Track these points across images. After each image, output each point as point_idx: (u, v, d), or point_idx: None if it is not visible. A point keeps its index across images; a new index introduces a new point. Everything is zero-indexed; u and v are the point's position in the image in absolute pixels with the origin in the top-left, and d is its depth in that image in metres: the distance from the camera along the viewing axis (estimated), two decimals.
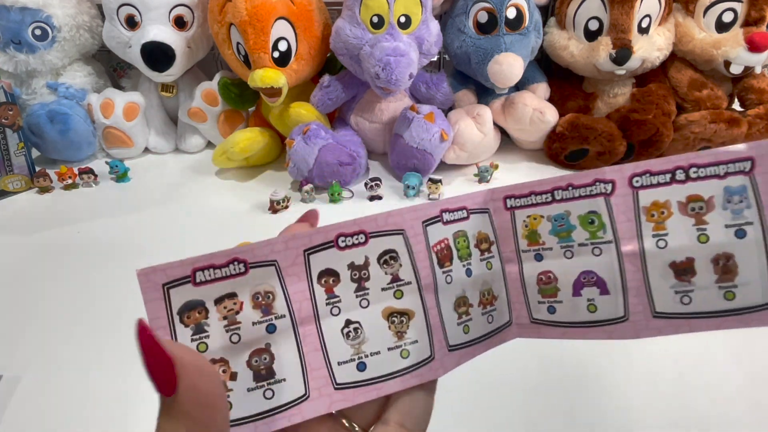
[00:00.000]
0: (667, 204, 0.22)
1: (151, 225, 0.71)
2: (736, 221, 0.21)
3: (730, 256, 0.21)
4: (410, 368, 0.22)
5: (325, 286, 0.22)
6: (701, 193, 0.21)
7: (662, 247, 0.22)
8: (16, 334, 0.52)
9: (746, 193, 0.21)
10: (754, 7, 0.75)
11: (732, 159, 0.21)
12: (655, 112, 0.75)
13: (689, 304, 0.21)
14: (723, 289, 0.21)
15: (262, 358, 0.21)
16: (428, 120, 0.73)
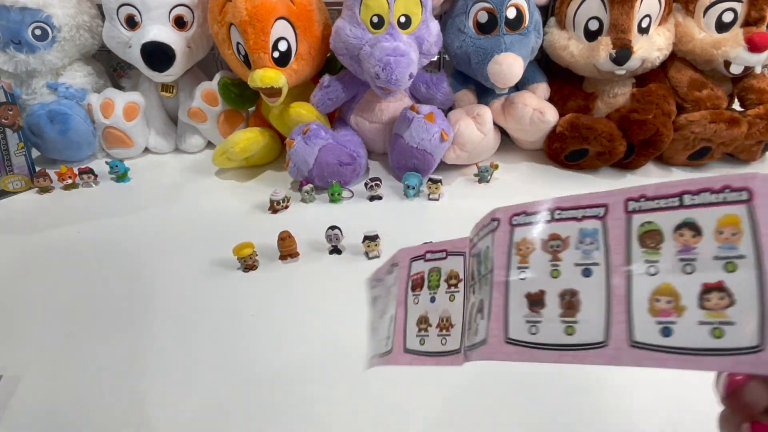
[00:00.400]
0: (533, 241, 0.24)
1: (151, 225, 0.71)
2: (585, 261, 0.23)
3: (575, 293, 0.22)
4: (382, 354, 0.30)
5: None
6: (560, 233, 0.24)
7: (523, 279, 0.24)
8: (16, 334, 0.52)
9: (597, 236, 0.22)
10: (754, 7, 0.75)
11: (589, 204, 0.23)
12: (655, 112, 0.75)
13: (536, 335, 0.23)
14: (565, 323, 0.22)
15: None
16: (428, 120, 0.73)
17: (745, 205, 0.20)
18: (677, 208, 0.21)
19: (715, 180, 0.20)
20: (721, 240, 0.20)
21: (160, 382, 0.46)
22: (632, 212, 0.22)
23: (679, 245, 0.21)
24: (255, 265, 0.61)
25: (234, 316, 0.54)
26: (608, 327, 0.21)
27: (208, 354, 0.49)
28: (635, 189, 0.22)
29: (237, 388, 0.45)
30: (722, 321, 0.19)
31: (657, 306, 0.21)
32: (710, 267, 0.20)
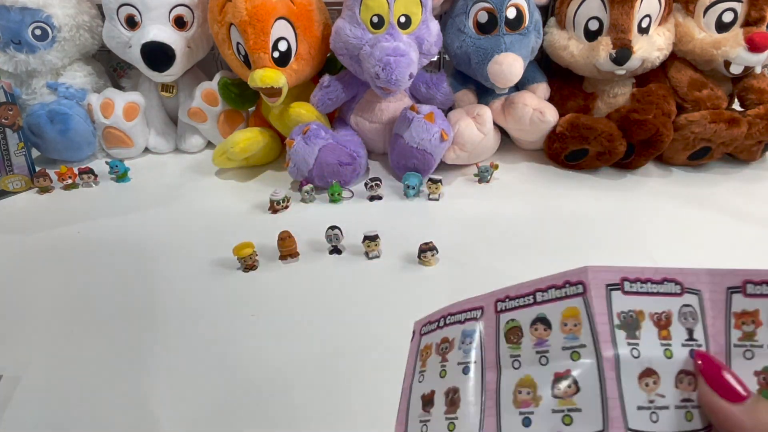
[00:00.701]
0: (430, 346, 0.26)
1: (151, 225, 0.71)
2: (465, 359, 0.24)
3: (456, 390, 0.24)
4: None
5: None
6: (448, 336, 0.26)
7: (420, 382, 0.26)
8: (16, 334, 0.52)
9: (474, 336, 0.24)
10: (754, 7, 0.75)
11: (470, 308, 0.25)
12: (655, 112, 0.75)
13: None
14: (448, 420, 0.24)
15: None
16: (428, 120, 0.73)
17: (581, 297, 0.22)
18: (532, 305, 0.23)
19: (558, 277, 0.22)
20: (566, 331, 0.22)
21: (160, 382, 0.46)
22: (500, 312, 0.24)
23: (534, 338, 0.22)
24: (255, 265, 0.61)
25: (234, 316, 0.54)
26: (482, 420, 0.23)
27: (208, 354, 0.49)
28: (502, 291, 0.24)
29: (237, 388, 0.45)
30: (570, 408, 0.21)
31: (519, 397, 0.22)
32: (560, 357, 0.22)
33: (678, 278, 0.21)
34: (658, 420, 0.20)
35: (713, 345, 0.21)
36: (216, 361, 0.48)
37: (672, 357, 0.21)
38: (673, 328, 0.21)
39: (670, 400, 0.20)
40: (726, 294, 0.21)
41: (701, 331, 0.21)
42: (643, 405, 0.20)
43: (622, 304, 0.21)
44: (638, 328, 0.21)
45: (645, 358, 0.21)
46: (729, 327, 0.21)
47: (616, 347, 0.21)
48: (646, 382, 0.20)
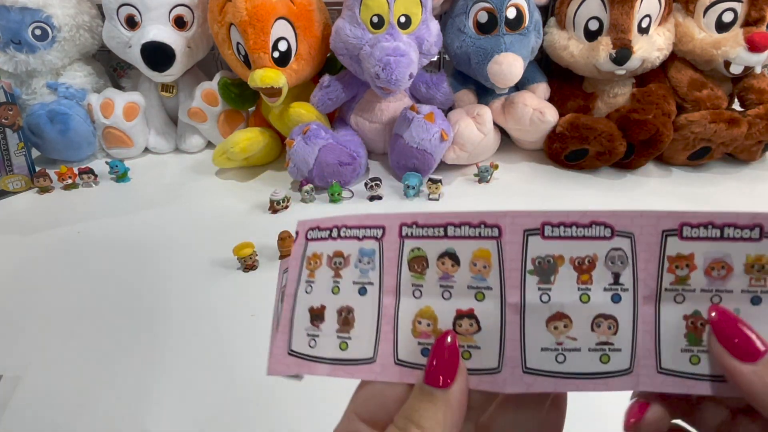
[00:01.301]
0: (321, 256, 0.25)
1: (151, 225, 0.71)
2: (362, 279, 0.23)
3: (351, 310, 0.23)
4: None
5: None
6: (343, 251, 0.24)
7: (308, 293, 0.25)
8: (16, 334, 0.52)
9: (374, 257, 0.23)
10: (754, 7, 0.75)
11: (370, 225, 0.24)
12: (655, 112, 0.75)
13: (314, 348, 0.24)
14: (340, 338, 0.23)
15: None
16: (428, 120, 0.73)
17: (495, 240, 0.21)
18: (442, 237, 0.22)
19: (473, 216, 0.22)
20: (475, 271, 0.22)
21: (159, 382, 0.46)
22: (405, 237, 0.23)
23: (440, 272, 0.22)
24: (255, 265, 0.61)
25: (234, 316, 0.54)
26: (377, 344, 0.22)
27: (207, 353, 0.49)
28: (409, 215, 0.23)
29: (237, 388, 0.45)
30: (470, 345, 0.21)
31: (419, 328, 0.22)
32: (464, 294, 0.22)
33: (609, 221, 0.21)
34: (564, 360, 0.20)
35: (642, 288, 0.20)
36: (216, 361, 0.48)
37: (589, 301, 0.21)
38: (597, 273, 0.21)
39: (582, 343, 0.20)
40: (661, 237, 0.20)
41: (630, 275, 0.21)
42: (549, 347, 0.20)
43: (539, 249, 0.21)
44: (554, 272, 0.21)
45: (556, 303, 0.21)
46: (662, 271, 0.20)
47: (524, 293, 0.21)
48: (555, 325, 0.21)
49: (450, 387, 0.20)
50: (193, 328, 0.52)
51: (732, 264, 0.20)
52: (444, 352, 0.21)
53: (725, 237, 0.20)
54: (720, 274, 0.20)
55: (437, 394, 0.20)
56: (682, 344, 0.20)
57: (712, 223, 0.20)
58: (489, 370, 0.21)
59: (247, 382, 0.46)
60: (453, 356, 0.21)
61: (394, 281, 0.23)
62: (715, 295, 0.20)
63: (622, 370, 0.20)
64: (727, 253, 0.20)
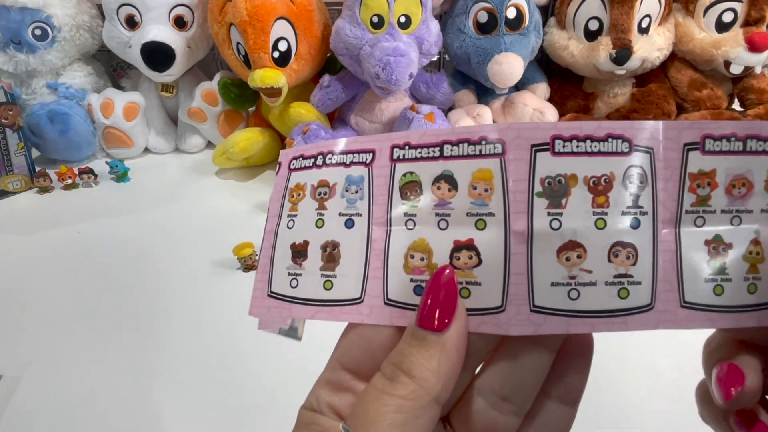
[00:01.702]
0: (304, 187, 0.22)
1: (151, 225, 0.71)
2: (349, 211, 0.21)
3: (337, 245, 0.21)
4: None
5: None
6: (329, 179, 0.21)
7: (290, 228, 0.22)
8: (16, 334, 0.52)
9: (362, 185, 0.21)
10: (754, 7, 0.75)
11: (358, 149, 0.21)
12: (655, 112, 0.75)
13: (296, 288, 0.21)
14: (324, 277, 0.21)
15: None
16: (428, 120, 0.73)
17: (498, 158, 0.18)
18: (437, 158, 0.19)
19: (474, 130, 0.19)
20: (475, 195, 0.19)
21: (160, 381, 0.46)
22: (396, 160, 0.20)
23: (436, 198, 0.19)
24: (255, 265, 0.61)
25: (234, 316, 0.54)
26: (365, 282, 0.20)
27: (207, 353, 0.49)
28: (402, 135, 0.20)
29: (237, 388, 0.45)
30: (469, 281, 0.18)
31: (411, 263, 0.19)
32: (463, 223, 0.19)
33: (627, 134, 0.18)
34: (579, 297, 0.18)
35: (662, 212, 0.18)
36: (216, 361, 0.48)
37: (605, 227, 0.18)
38: (614, 194, 0.18)
39: (598, 276, 0.18)
40: (682, 151, 0.18)
41: (649, 196, 0.18)
42: (560, 281, 0.18)
43: (549, 167, 0.18)
44: (566, 195, 0.18)
45: (568, 230, 0.18)
46: (683, 190, 0.18)
47: (531, 219, 0.18)
48: (567, 256, 0.18)
49: (446, 330, 0.17)
50: (193, 328, 0.52)
51: (753, 180, 0.18)
52: (440, 289, 0.18)
53: (748, 150, 0.18)
54: (741, 192, 0.18)
55: (431, 339, 0.17)
56: (705, 273, 0.18)
57: (735, 135, 0.18)
58: (491, 310, 0.18)
59: (248, 381, 0.46)
60: (450, 294, 0.18)
61: (385, 211, 0.20)
62: (735, 216, 0.18)
63: (643, 306, 0.18)
64: (748, 169, 0.18)
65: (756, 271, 0.18)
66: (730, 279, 0.18)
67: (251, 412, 0.43)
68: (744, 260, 0.18)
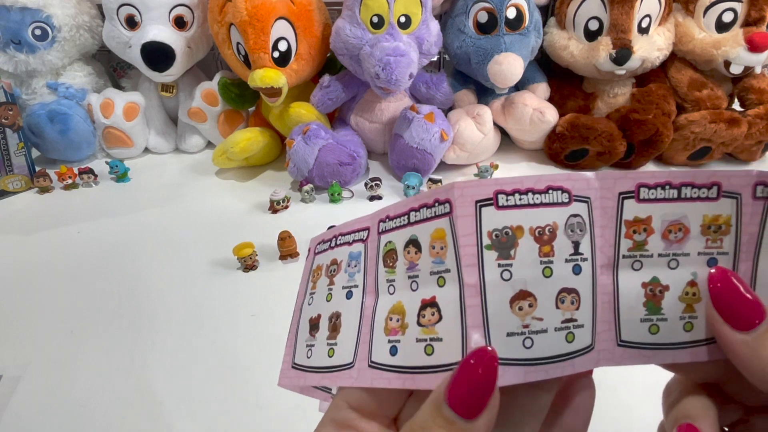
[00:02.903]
0: (321, 267, 0.25)
1: (151, 225, 0.71)
2: (349, 283, 0.23)
3: (339, 315, 0.23)
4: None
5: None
6: (337, 258, 0.24)
7: (310, 304, 0.25)
8: (16, 334, 0.52)
9: (360, 259, 0.23)
10: (754, 7, 0.75)
11: (358, 228, 0.23)
12: (655, 112, 0.75)
13: (310, 358, 0.23)
14: (328, 345, 0.22)
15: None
16: (428, 120, 0.73)
17: (448, 217, 0.19)
18: (406, 225, 0.21)
19: (429, 194, 0.20)
20: (434, 255, 0.20)
21: (159, 382, 0.46)
22: (382, 233, 0.22)
23: (407, 262, 0.20)
24: (255, 265, 0.61)
25: (234, 316, 0.54)
26: (357, 348, 0.21)
27: (207, 354, 0.49)
28: (384, 210, 0.22)
29: (237, 388, 0.45)
30: (432, 337, 0.19)
31: (390, 325, 0.20)
32: (428, 282, 0.20)
33: (565, 185, 0.19)
34: (532, 345, 0.18)
35: (600, 257, 0.19)
36: (216, 361, 0.48)
37: (552, 275, 0.19)
38: (558, 243, 0.19)
39: (548, 323, 0.18)
40: (617, 200, 0.19)
41: (588, 243, 0.19)
42: (515, 331, 0.18)
43: (495, 221, 0.19)
44: (514, 246, 0.18)
45: (519, 280, 0.18)
46: (619, 236, 0.19)
47: (482, 271, 0.18)
48: (520, 305, 0.18)
49: (477, 419, 0.16)
50: (193, 328, 0.52)
51: (689, 225, 0.19)
52: (479, 373, 0.17)
53: (682, 197, 0.19)
54: (677, 236, 0.19)
55: (459, 425, 0.16)
56: (641, 314, 0.19)
57: (670, 183, 0.19)
58: (453, 365, 0.18)
59: (248, 381, 0.46)
60: (490, 382, 0.17)
61: (374, 280, 0.22)
62: (672, 259, 0.19)
63: (586, 347, 0.19)
64: (684, 214, 0.19)
65: (692, 311, 0.19)
66: (666, 318, 0.19)
67: (251, 412, 0.43)
68: (680, 300, 0.19)
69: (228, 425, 0.43)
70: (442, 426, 0.17)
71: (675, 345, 0.19)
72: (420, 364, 0.19)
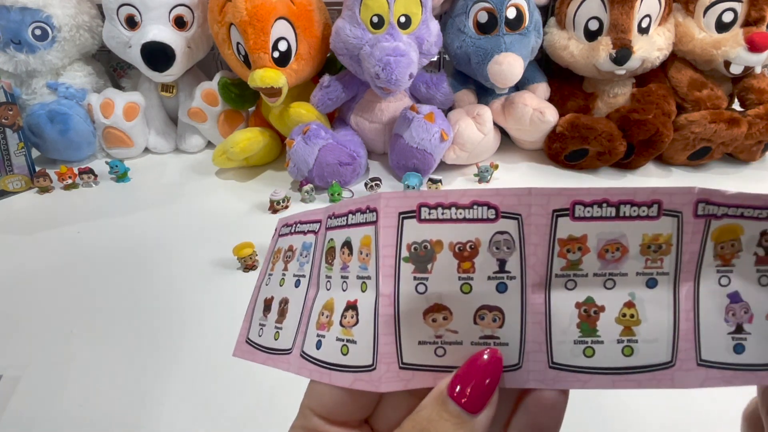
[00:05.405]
0: (280, 250, 0.25)
1: (151, 225, 0.71)
2: (299, 272, 0.23)
3: (287, 301, 0.23)
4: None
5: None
6: (294, 245, 0.24)
7: (267, 285, 0.25)
8: (16, 334, 0.52)
9: (310, 250, 0.23)
10: (754, 7, 0.75)
11: (312, 220, 0.23)
12: (655, 112, 0.75)
13: (261, 337, 0.24)
14: (276, 329, 0.23)
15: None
16: (428, 120, 0.73)
17: (374, 226, 0.20)
18: (344, 227, 0.21)
19: (363, 200, 0.20)
20: (361, 260, 0.20)
21: (159, 381, 0.46)
22: (328, 229, 0.22)
23: (341, 263, 0.21)
24: (255, 265, 0.61)
25: (234, 316, 0.54)
26: (296, 336, 0.22)
27: (207, 354, 0.49)
28: (333, 206, 0.22)
29: (237, 388, 0.45)
30: (348, 339, 0.20)
31: (321, 320, 0.21)
32: (354, 285, 0.20)
33: (492, 201, 0.18)
34: (445, 354, 0.19)
35: (531, 276, 0.19)
36: (216, 361, 0.48)
37: (471, 292, 0.19)
38: (480, 260, 0.18)
39: (464, 336, 0.19)
40: (551, 217, 0.18)
41: (517, 261, 0.18)
42: (427, 340, 0.19)
43: (415, 233, 0.19)
44: (432, 260, 0.19)
45: (434, 294, 0.19)
46: (552, 255, 0.18)
47: (398, 283, 0.19)
48: (434, 317, 0.19)
49: (479, 413, 0.17)
50: (193, 328, 0.52)
51: (627, 245, 0.18)
52: (486, 372, 0.18)
53: (621, 216, 0.18)
54: (614, 256, 0.18)
55: (465, 418, 0.17)
56: (575, 335, 0.18)
57: (607, 201, 0.18)
58: (364, 368, 0.19)
59: (248, 381, 0.46)
60: (495, 380, 0.18)
61: (317, 274, 0.22)
62: (609, 279, 0.19)
63: (512, 365, 0.18)
64: (622, 233, 0.18)
65: (631, 334, 0.18)
66: (602, 341, 0.18)
67: (252, 412, 0.43)
68: (617, 322, 0.18)
69: (228, 424, 0.43)
70: (447, 420, 0.17)
71: (613, 370, 0.18)
72: (336, 362, 0.20)
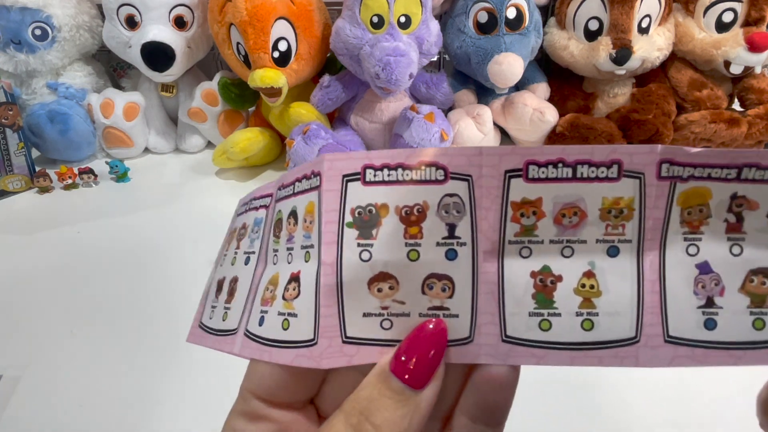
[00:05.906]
0: (234, 229, 0.25)
1: (151, 225, 0.71)
2: (249, 249, 0.22)
3: (237, 280, 0.22)
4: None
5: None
6: (247, 222, 0.23)
7: (221, 265, 0.24)
8: (16, 334, 0.52)
9: (261, 225, 0.22)
10: (754, 7, 0.75)
11: (263, 194, 0.22)
12: (655, 112, 0.75)
13: (211, 320, 0.23)
14: (224, 310, 0.22)
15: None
16: (428, 120, 0.73)
17: (316, 191, 0.18)
18: (291, 196, 0.20)
19: (308, 166, 0.19)
20: (305, 228, 0.19)
21: (160, 381, 0.46)
22: (276, 201, 0.21)
23: (287, 234, 0.20)
24: None
25: None
26: (242, 315, 0.20)
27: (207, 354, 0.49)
28: (282, 177, 0.21)
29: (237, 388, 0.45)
30: (290, 312, 0.18)
31: (266, 295, 0.20)
32: (299, 256, 0.19)
33: (441, 161, 0.17)
34: (391, 326, 0.17)
35: (483, 242, 0.17)
36: (216, 361, 0.48)
37: (418, 259, 0.17)
38: (428, 224, 0.17)
39: (412, 307, 0.17)
40: (503, 179, 0.17)
41: (467, 226, 0.17)
42: (372, 312, 0.17)
43: (359, 197, 0.17)
44: (377, 225, 0.17)
45: (379, 261, 0.17)
46: (505, 220, 0.17)
47: (341, 250, 0.17)
48: (379, 287, 0.17)
49: (424, 389, 0.16)
50: None
51: (586, 210, 0.17)
52: (430, 344, 0.17)
53: (578, 177, 0.17)
54: (572, 221, 0.17)
55: (408, 395, 0.16)
56: (530, 307, 0.17)
57: (563, 161, 0.16)
58: (305, 343, 0.17)
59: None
60: (439, 353, 0.17)
61: (266, 249, 0.21)
62: (566, 246, 0.17)
63: (462, 338, 0.17)
64: (580, 197, 0.17)
65: (591, 306, 0.17)
66: (559, 314, 0.17)
67: None
68: (575, 293, 0.17)
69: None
70: (389, 397, 0.16)
71: (571, 345, 0.17)
72: (276, 337, 0.18)
